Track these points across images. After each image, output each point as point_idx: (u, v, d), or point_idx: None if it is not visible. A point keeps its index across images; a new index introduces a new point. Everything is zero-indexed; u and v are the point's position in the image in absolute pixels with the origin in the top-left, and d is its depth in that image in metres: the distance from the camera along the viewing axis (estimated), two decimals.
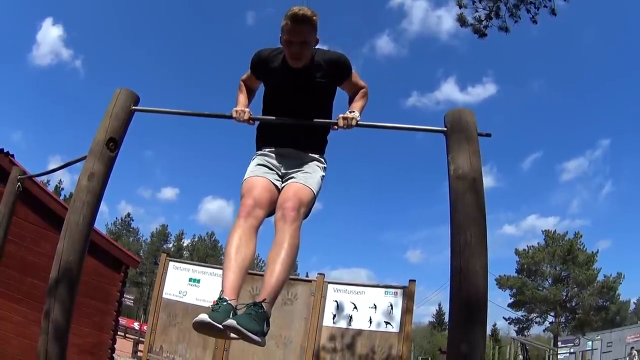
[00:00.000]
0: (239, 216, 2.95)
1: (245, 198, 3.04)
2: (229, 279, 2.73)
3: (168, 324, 9.54)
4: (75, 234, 3.01)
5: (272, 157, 3.32)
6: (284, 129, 3.30)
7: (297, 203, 2.97)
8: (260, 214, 3.00)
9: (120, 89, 3.31)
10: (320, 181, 3.29)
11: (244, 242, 2.84)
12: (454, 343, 2.40)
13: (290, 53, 3.13)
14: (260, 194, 3.07)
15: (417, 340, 58.52)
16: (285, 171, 3.26)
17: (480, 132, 2.70)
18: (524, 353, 37.47)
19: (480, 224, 2.48)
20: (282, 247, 2.79)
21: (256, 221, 2.97)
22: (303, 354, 8.59)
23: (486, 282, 2.43)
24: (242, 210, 2.98)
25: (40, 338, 2.90)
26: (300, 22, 3.01)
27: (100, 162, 3.12)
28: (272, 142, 3.37)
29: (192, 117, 3.50)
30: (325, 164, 3.42)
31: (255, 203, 3.00)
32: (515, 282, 52.77)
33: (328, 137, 3.50)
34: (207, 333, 2.60)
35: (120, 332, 29.70)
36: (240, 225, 2.90)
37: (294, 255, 2.83)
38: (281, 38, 3.14)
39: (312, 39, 3.14)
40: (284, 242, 2.81)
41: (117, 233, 64.16)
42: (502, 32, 10.52)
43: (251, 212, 2.96)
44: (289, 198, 3.00)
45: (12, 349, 7.57)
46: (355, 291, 8.91)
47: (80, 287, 3.08)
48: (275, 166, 3.28)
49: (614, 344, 35.34)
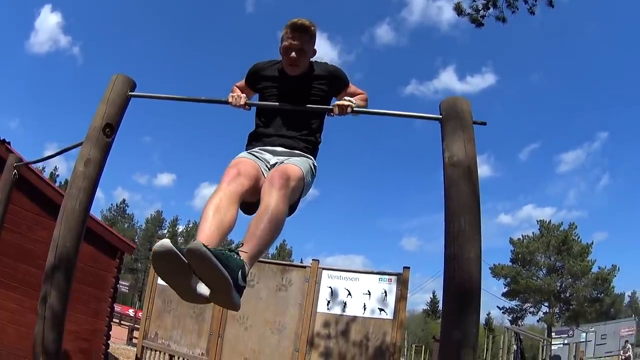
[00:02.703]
0: (221, 182, 2.73)
1: (230, 169, 2.85)
2: (204, 230, 2.45)
3: (163, 310, 9.58)
4: (72, 220, 3.01)
5: (262, 152, 3.19)
6: (274, 135, 3.24)
7: (286, 175, 2.77)
8: (244, 182, 2.77)
9: (117, 75, 3.31)
10: (311, 171, 3.16)
11: (225, 204, 2.59)
12: (447, 330, 2.42)
13: (288, 59, 3.19)
14: (247, 168, 2.88)
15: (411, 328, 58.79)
16: (274, 163, 3.11)
17: (476, 120, 2.70)
18: (518, 343, 37.62)
19: (474, 211, 2.49)
20: (268, 210, 2.56)
21: (240, 187, 2.72)
22: (297, 340, 8.64)
23: (480, 269, 2.45)
24: (225, 176, 2.77)
25: (37, 324, 2.91)
26: (299, 30, 3.12)
27: (96, 148, 3.12)
28: (260, 144, 3.26)
29: (190, 103, 3.48)
30: (314, 161, 3.28)
31: (239, 172, 2.80)
32: (509, 271, 52.97)
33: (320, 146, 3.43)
34: (166, 271, 2.21)
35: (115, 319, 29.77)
36: (222, 189, 2.67)
37: (280, 221, 2.60)
38: (280, 47, 3.22)
39: (310, 48, 3.23)
40: (270, 205, 2.58)
41: (112, 219, 64.21)
42: (499, 22, 10.51)
43: (235, 179, 2.74)
44: (276, 173, 2.81)
45: (8, 338, 7.58)
46: (349, 277, 8.94)
47: (76, 273, 3.08)
48: (264, 158, 3.14)
49: (608, 336, 35.58)
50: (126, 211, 70.94)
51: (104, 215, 65.30)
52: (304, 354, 8.56)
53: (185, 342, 9.20)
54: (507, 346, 35.42)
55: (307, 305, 8.77)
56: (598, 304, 50.74)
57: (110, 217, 65.39)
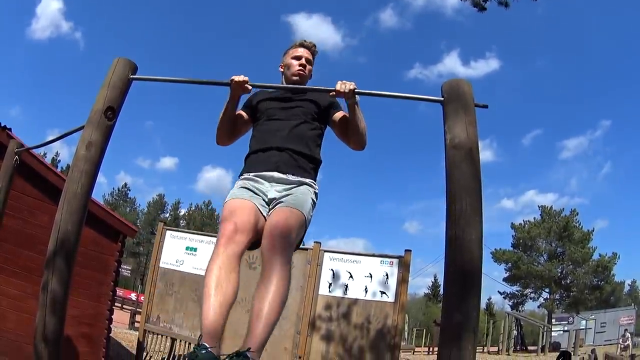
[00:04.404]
0: (218, 244, 2.66)
1: (226, 223, 2.75)
2: (209, 319, 2.48)
3: (165, 293, 9.63)
4: (74, 204, 3.01)
5: (258, 181, 3.05)
6: (271, 156, 3.12)
7: (287, 230, 2.74)
8: (242, 239, 2.70)
9: (118, 59, 3.29)
10: (312, 207, 3.06)
11: (224, 274, 2.54)
12: (447, 312, 2.41)
13: (296, 66, 3.42)
14: (243, 218, 2.78)
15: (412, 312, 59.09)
16: (272, 197, 2.98)
17: (477, 103, 2.69)
18: (518, 328, 37.81)
19: (475, 193, 2.48)
20: (270, 282, 2.55)
21: (238, 248, 2.67)
22: (299, 323, 8.69)
23: (481, 251, 2.44)
24: (221, 236, 2.69)
25: (39, 310, 2.91)
26: (306, 46, 3.49)
27: (98, 131, 3.10)
28: (257, 167, 3.12)
29: (192, 86, 3.48)
30: (316, 188, 3.17)
31: (236, 228, 2.71)
32: (510, 257, 53.10)
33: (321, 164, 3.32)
34: None
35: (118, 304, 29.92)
36: (219, 254, 2.61)
37: (285, 292, 2.59)
38: (283, 63, 3.52)
39: (312, 64, 3.50)
40: (272, 276, 2.57)
41: (114, 204, 64.46)
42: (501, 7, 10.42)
43: (232, 238, 2.67)
44: (277, 225, 2.75)
45: (10, 324, 7.57)
46: (351, 260, 8.96)
47: (77, 257, 3.07)
48: (260, 191, 3.00)
49: (608, 324, 35.86)
50: (128, 195, 71.17)
51: (106, 199, 65.53)
52: (306, 336, 8.61)
53: (187, 325, 9.25)
54: (507, 331, 35.63)
55: (309, 287, 8.80)
56: (598, 292, 50.91)
57: (112, 202, 65.56)
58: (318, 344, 8.59)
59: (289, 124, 3.21)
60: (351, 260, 8.96)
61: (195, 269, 9.42)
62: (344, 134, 3.31)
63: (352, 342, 8.43)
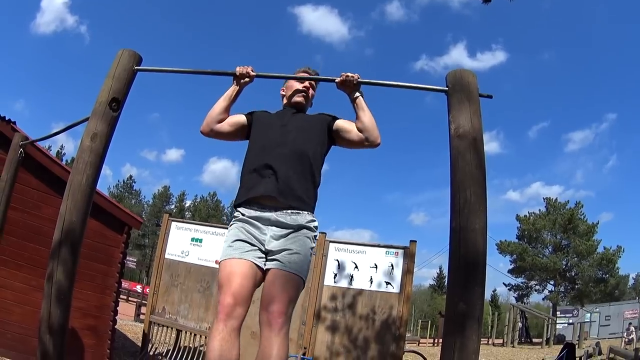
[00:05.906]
0: (218, 319, 2.69)
1: (224, 296, 2.75)
2: None
3: (170, 284, 9.64)
4: (78, 195, 3.02)
5: (254, 224, 2.95)
6: (268, 179, 2.99)
7: (285, 305, 2.75)
8: (241, 312, 2.74)
9: (123, 50, 3.30)
10: (310, 257, 3.01)
11: (226, 350, 2.61)
12: (452, 302, 2.42)
13: (299, 89, 3.38)
14: (241, 288, 2.77)
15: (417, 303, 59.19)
16: (269, 248, 2.90)
17: (482, 93, 2.69)
18: (523, 320, 37.81)
19: (480, 182, 2.48)
20: (270, 356, 2.63)
21: (237, 321, 2.71)
22: (304, 313, 8.71)
23: (485, 241, 2.44)
24: (221, 311, 2.71)
25: (44, 301, 2.93)
26: (310, 73, 3.42)
27: (103, 122, 3.12)
28: (252, 201, 3.01)
29: (198, 77, 3.47)
30: (315, 230, 3.06)
31: (235, 302, 2.72)
32: (515, 248, 53.07)
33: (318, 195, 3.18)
34: None
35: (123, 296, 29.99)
36: (220, 330, 2.65)
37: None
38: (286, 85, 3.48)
39: (315, 89, 3.48)
40: (271, 355, 2.63)
41: (119, 196, 64.63)
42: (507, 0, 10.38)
43: (231, 314, 2.70)
44: (275, 298, 2.75)
45: (15, 317, 7.60)
46: (356, 250, 8.95)
47: (82, 249, 3.08)
48: (257, 239, 2.92)
49: (612, 317, 35.78)
50: (133, 187, 71.29)
51: (111, 192, 65.69)
52: (311, 327, 8.63)
53: (193, 316, 9.26)
54: (512, 323, 35.62)
55: (314, 278, 8.79)
56: (603, 285, 50.83)
57: (117, 194, 65.69)
58: (323, 334, 8.61)
59: (289, 142, 3.09)
60: (356, 250, 8.95)
61: (200, 260, 9.43)
62: (355, 136, 3.20)
63: (357, 333, 8.44)
